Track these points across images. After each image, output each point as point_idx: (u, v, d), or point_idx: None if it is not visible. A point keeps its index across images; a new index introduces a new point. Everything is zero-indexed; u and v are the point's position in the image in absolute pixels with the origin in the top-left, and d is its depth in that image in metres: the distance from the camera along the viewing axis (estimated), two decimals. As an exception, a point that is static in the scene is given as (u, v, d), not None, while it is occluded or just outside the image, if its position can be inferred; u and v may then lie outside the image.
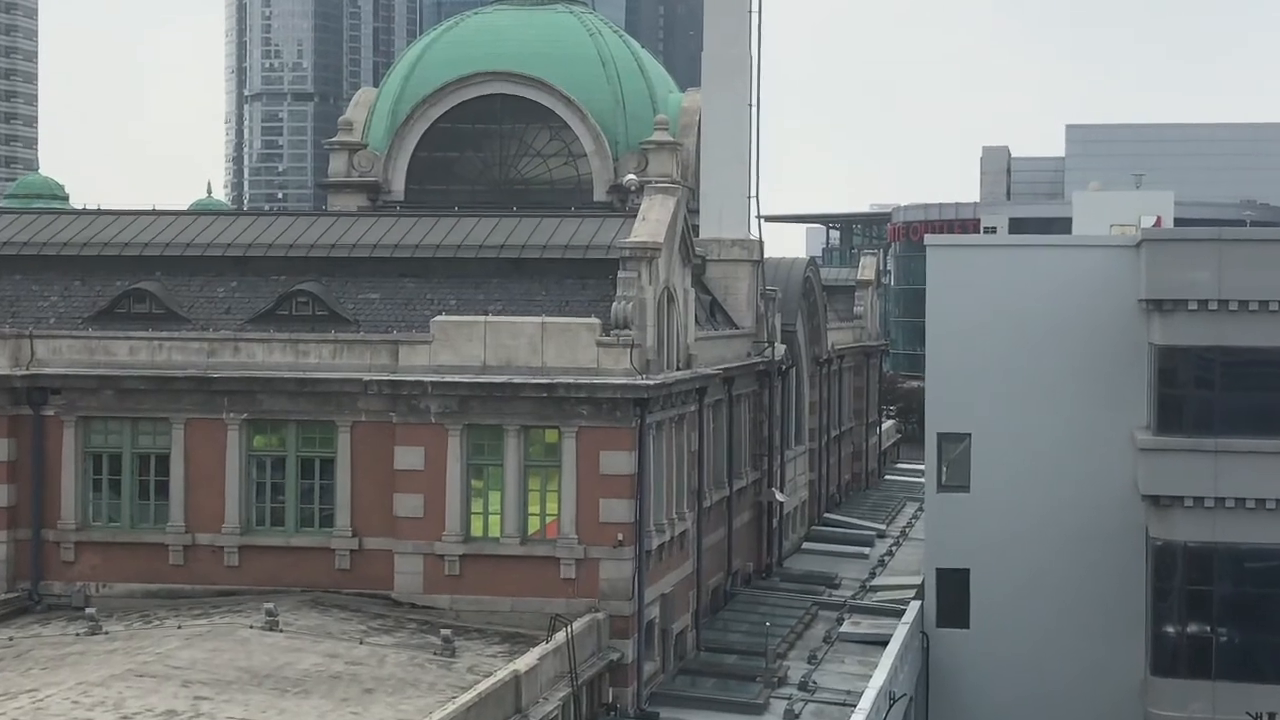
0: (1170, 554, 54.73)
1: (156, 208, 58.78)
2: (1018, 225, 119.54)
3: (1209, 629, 54.76)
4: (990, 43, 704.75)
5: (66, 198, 75.30)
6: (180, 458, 49.48)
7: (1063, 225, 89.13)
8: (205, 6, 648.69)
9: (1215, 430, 53.55)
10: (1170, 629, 55.16)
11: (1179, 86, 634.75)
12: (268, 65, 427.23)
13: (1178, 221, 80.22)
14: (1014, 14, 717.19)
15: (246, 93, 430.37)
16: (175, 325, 51.02)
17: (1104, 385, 57.61)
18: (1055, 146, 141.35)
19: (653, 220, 50.14)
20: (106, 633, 44.31)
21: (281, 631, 43.85)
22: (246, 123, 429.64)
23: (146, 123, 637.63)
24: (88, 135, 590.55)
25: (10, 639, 44.93)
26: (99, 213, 58.43)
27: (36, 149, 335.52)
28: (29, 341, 50.16)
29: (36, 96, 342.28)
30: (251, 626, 44.11)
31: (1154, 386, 54.94)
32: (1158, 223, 71.94)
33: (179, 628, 44.63)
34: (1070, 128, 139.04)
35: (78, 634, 44.39)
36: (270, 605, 45.48)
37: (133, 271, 53.15)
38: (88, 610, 46.21)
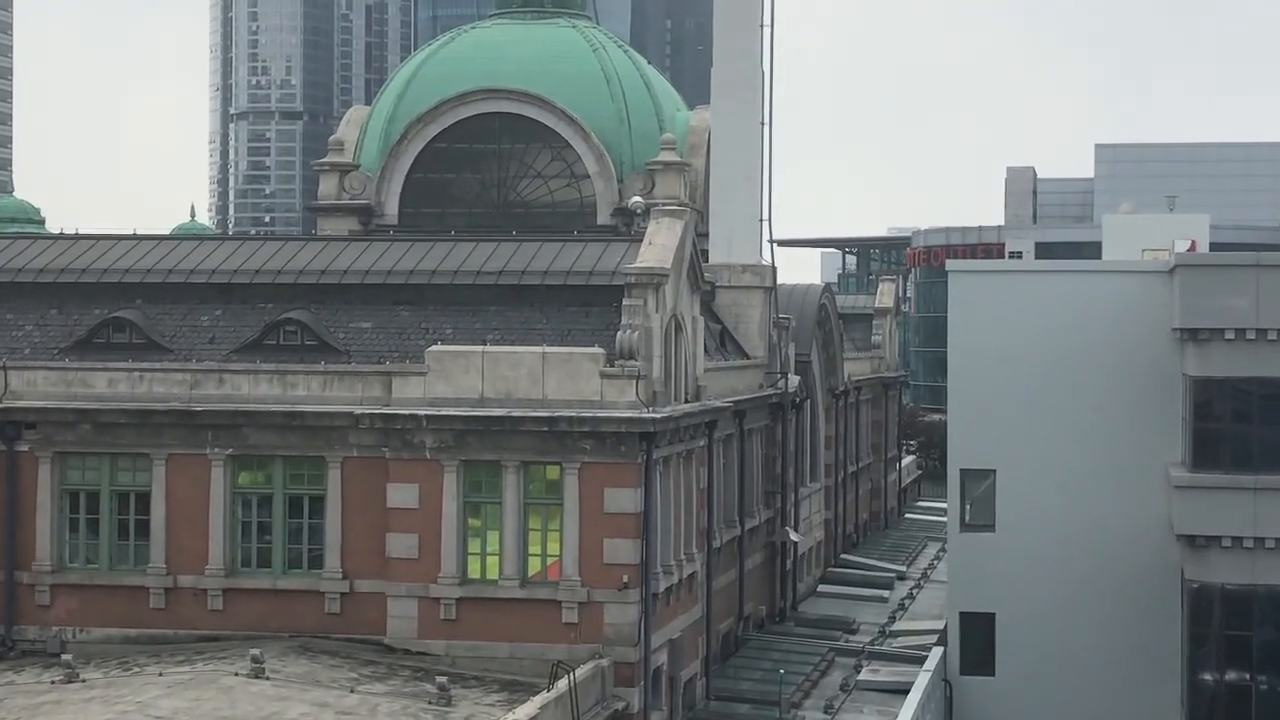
0: (1207, 597, 54.56)
1: (137, 232, 58.95)
2: (1044, 250, 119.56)
3: (1249, 677, 54.61)
4: (1015, 58, 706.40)
5: (42, 222, 75.39)
6: (162, 495, 49.43)
7: (1092, 250, 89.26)
8: (189, 21, 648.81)
9: (1255, 467, 53.48)
10: (1208, 677, 54.94)
11: (1214, 104, 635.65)
12: (255, 82, 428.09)
13: (1213, 246, 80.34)
14: (1040, 29, 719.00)
15: (232, 111, 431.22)
16: (157, 356, 51.00)
17: (1136, 419, 57.52)
18: (1084, 167, 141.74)
19: (659, 245, 50.10)
20: (84, 680, 44.17)
21: (268, 679, 43.74)
22: (232, 142, 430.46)
23: (127, 143, 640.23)
24: (65, 156, 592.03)
25: (-20, 690, 45.04)
26: (76, 237, 58.57)
27: (11, 171, 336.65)
28: (2, 373, 50.14)
29: (11, 116, 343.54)
30: (236, 674, 44.00)
31: (1189, 420, 54.84)
32: (1192, 247, 71.91)
33: (160, 675, 44.56)
34: (1099, 147, 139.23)
35: (53, 681, 44.30)
36: (256, 651, 45.39)
37: (112, 299, 53.16)
38: (64, 656, 46.09)
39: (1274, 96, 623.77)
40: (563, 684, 42.70)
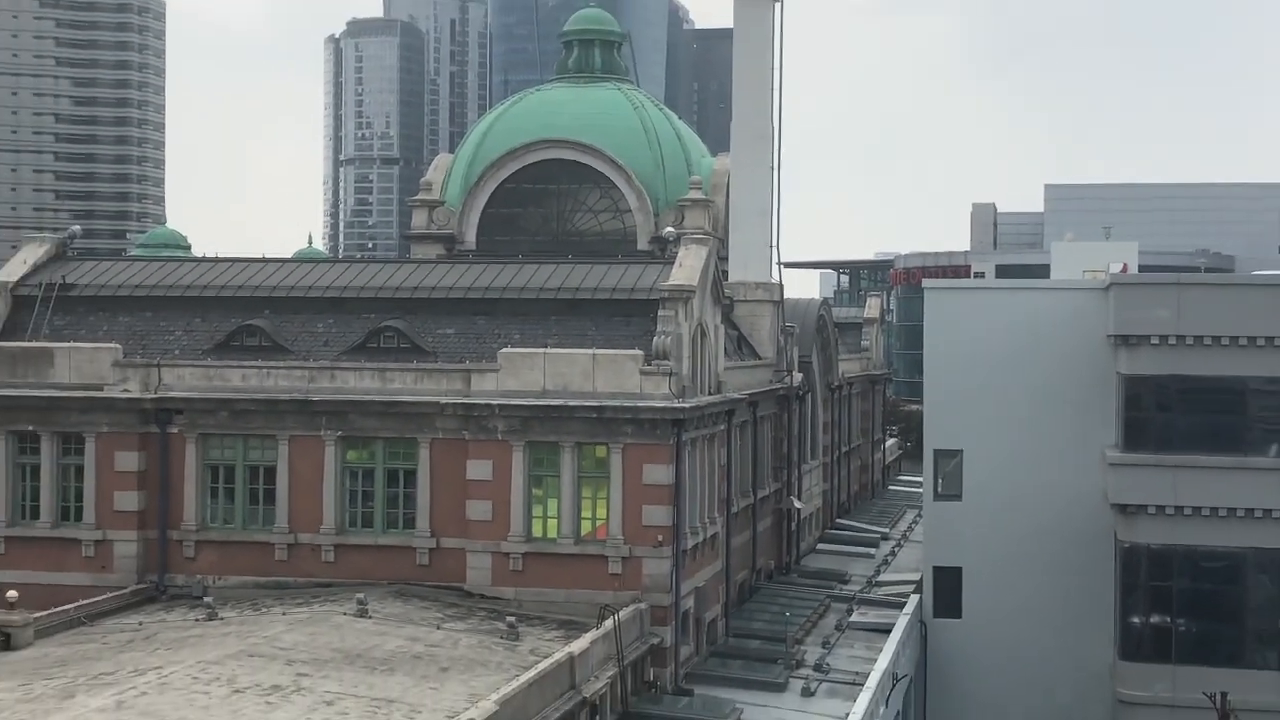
0: (1136, 555, 54.66)
1: (266, 256, 59.14)
2: (1003, 271, 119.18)
3: (1169, 620, 54.65)
4: (979, 114, 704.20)
5: (189, 247, 75.83)
6: (285, 469, 49.82)
7: (1042, 271, 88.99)
8: (307, 83, 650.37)
9: (1175, 448, 53.61)
10: (1136, 620, 55.02)
11: (1143, 152, 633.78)
12: (360, 134, 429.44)
13: (1141, 268, 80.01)
14: (1000, 90, 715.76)
15: (342, 157, 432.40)
16: (281, 356, 51.32)
17: (1078, 408, 57.45)
18: (1035, 203, 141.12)
19: (688, 267, 50.24)
20: (221, 618, 44.60)
21: (370, 618, 44.05)
22: (342, 183, 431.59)
23: (256, 181, 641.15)
24: (207, 192, 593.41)
25: (140, 624, 45.35)
26: (216, 260, 58.80)
27: (164, 204, 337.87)
28: (157, 370, 50.63)
29: (164, 160, 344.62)
30: (345, 614, 44.31)
31: (1121, 410, 54.93)
32: (1124, 269, 71.67)
33: (283, 614, 44.94)
34: (1048, 187, 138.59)
35: (197, 619, 44.71)
36: (361, 595, 45.72)
37: (245, 310, 53.48)
38: (205, 599, 46.46)
39: (1192, 145, 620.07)
40: (609, 623, 42.99)
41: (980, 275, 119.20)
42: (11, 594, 44.48)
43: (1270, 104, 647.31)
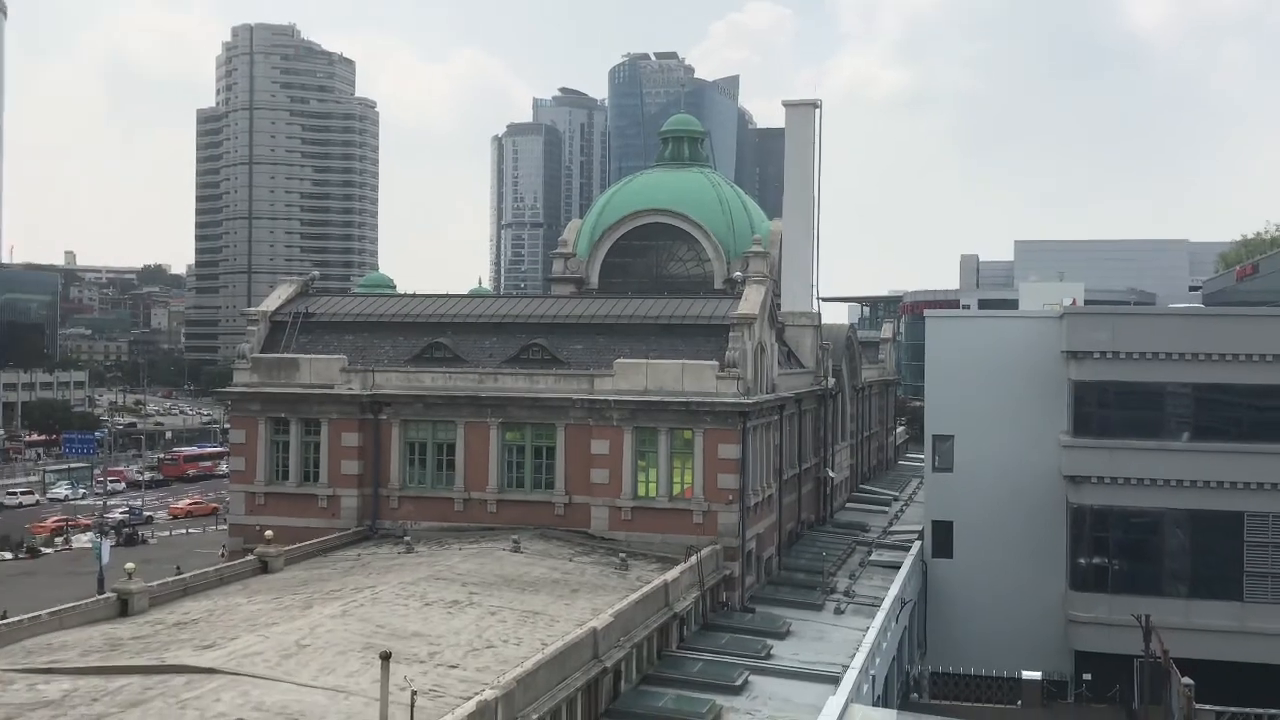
0: (1082, 513, 54.59)
1: (448, 292, 59.84)
2: (984, 304, 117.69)
3: (1106, 561, 54.55)
4: (967, 184, 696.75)
5: (394, 286, 76.64)
6: (461, 445, 50.18)
7: (1013, 304, 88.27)
8: (478, 168, 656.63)
9: (1111, 434, 53.92)
10: (1082, 560, 54.91)
11: (1089, 214, 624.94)
12: (515, 206, 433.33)
13: (1086, 303, 79.30)
14: (983, 165, 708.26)
15: (503, 223, 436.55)
16: (459, 365, 51.68)
17: (1039, 404, 57.11)
18: (1008, 254, 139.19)
19: (751, 301, 50.24)
20: (416, 552, 45.16)
21: (521, 553, 44.41)
22: (502, 241, 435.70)
23: (445, 240, 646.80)
24: (406, 246, 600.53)
25: (358, 555, 46.04)
26: (413, 296, 59.46)
27: (377, 256, 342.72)
28: (371, 374, 51.34)
29: (378, 225, 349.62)
30: (503, 550, 44.70)
31: (1071, 406, 54.85)
32: (1073, 303, 71.00)
33: (460, 550, 45.41)
34: (1018, 242, 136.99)
35: (399, 552, 45.25)
36: (515, 537, 46.17)
37: (433, 331, 53.86)
38: (405, 538, 47.04)
39: (1126, 210, 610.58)
40: (693, 559, 43.07)
41: (967, 307, 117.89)
42: (268, 533, 45.39)
43: (1179, 182, 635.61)
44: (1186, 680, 42.43)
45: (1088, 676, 53.97)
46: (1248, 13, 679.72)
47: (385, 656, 23.25)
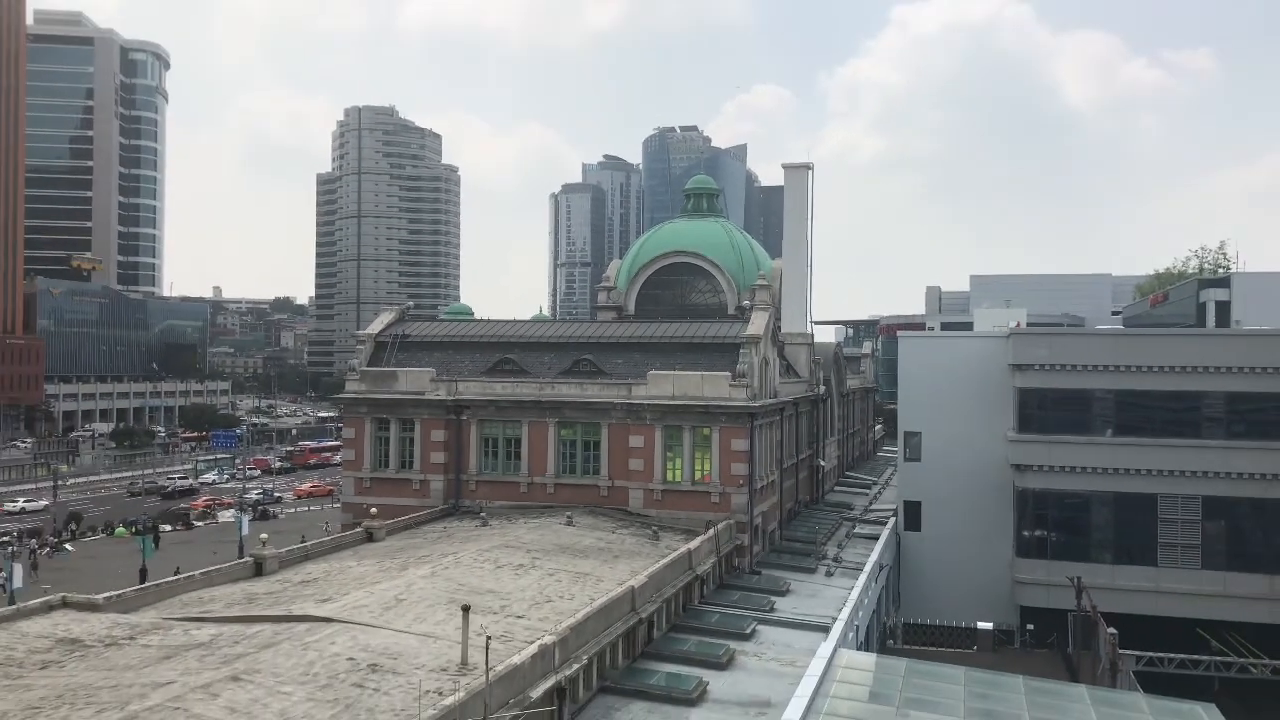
0: (1026, 495, 53.97)
1: (515, 318, 60.05)
2: (945, 326, 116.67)
3: (1046, 533, 53.76)
4: (933, 229, 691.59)
5: (473, 313, 76.89)
6: (525, 440, 50.16)
7: (968, 326, 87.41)
8: (538, 220, 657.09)
9: (1049, 430, 53.35)
10: (1025, 533, 54.17)
11: (1030, 252, 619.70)
12: (568, 249, 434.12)
13: (1029, 324, 78.50)
14: (945, 212, 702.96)
15: (558, 263, 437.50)
16: (524, 376, 51.85)
17: (991, 407, 56.67)
18: (964, 285, 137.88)
19: (757, 324, 50.11)
20: (490, 525, 45.20)
21: (574, 526, 44.48)
22: (558, 277, 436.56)
23: (513, 277, 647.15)
24: (482, 281, 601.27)
25: (444, 528, 46.11)
26: (488, 320, 59.71)
27: (459, 289, 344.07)
28: (454, 384, 51.53)
29: (459, 263, 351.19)
30: (559, 523, 44.79)
31: (1016, 409, 54.25)
32: (1018, 325, 70.14)
33: (525, 524, 45.43)
34: (973, 276, 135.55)
35: (476, 526, 45.35)
36: (569, 513, 46.21)
37: (504, 349, 54.03)
38: (481, 514, 47.13)
39: (1060, 249, 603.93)
40: (711, 532, 42.90)
41: (932, 329, 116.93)
42: (373, 510, 45.62)
43: (1104, 226, 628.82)
44: (1111, 630, 42.09)
45: (1030, 627, 53.43)
46: (1157, 89, 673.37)
47: (465, 609, 23.30)
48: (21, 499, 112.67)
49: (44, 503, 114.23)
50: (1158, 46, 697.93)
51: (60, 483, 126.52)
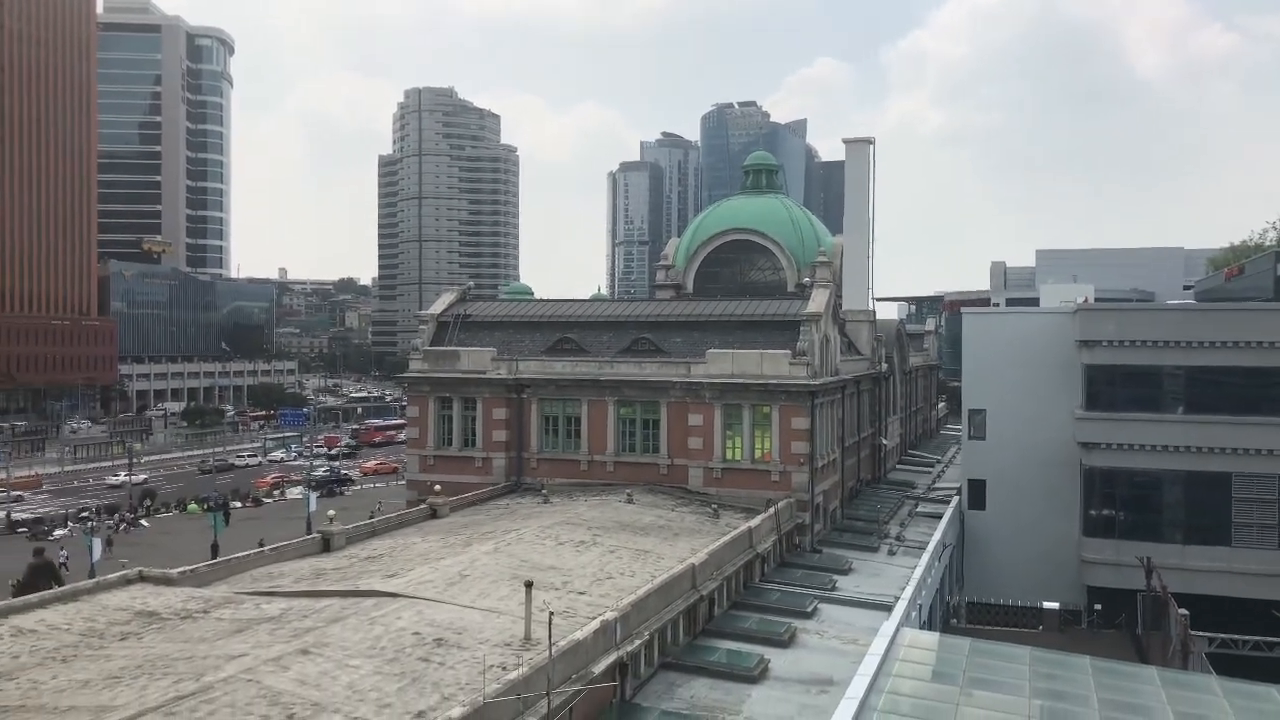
0: (1093, 473, 52.95)
1: (574, 297, 60.21)
2: (1011, 302, 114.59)
3: (1114, 512, 52.72)
4: (998, 203, 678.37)
5: (532, 293, 77.29)
6: (585, 418, 50.41)
7: (1034, 302, 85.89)
8: (597, 200, 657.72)
9: (1116, 408, 52.12)
10: (1093, 512, 53.17)
11: (1098, 226, 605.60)
12: (626, 228, 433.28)
13: (1096, 300, 76.93)
14: (1010, 187, 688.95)
15: (617, 241, 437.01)
16: (583, 355, 52.03)
17: (1058, 384, 55.69)
18: (1031, 260, 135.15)
19: (817, 301, 49.71)
20: (551, 503, 45.55)
21: (634, 504, 44.60)
22: (617, 256, 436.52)
23: (572, 256, 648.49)
24: (541, 260, 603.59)
25: (506, 504, 46.55)
26: (547, 300, 60.06)
27: (519, 269, 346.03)
28: (515, 363, 51.95)
29: (519, 243, 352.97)
30: (619, 501, 44.95)
31: (1084, 385, 53.22)
32: (1086, 301, 68.82)
33: (585, 501, 45.71)
34: (1039, 251, 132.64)
35: (538, 503, 45.75)
36: (629, 491, 46.38)
37: (563, 329, 54.29)
38: (542, 491, 47.58)
39: (1130, 223, 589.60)
40: (772, 510, 42.84)
41: (997, 305, 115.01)
42: (436, 487, 46.25)
43: (1176, 198, 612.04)
44: (1183, 611, 41.21)
45: (1098, 607, 52.57)
46: (1231, 55, 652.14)
47: (528, 584, 23.54)
48: (121, 473, 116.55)
49: (142, 477, 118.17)
50: (1232, 11, 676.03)
51: (135, 460, 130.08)
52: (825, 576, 40.18)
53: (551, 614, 22.51)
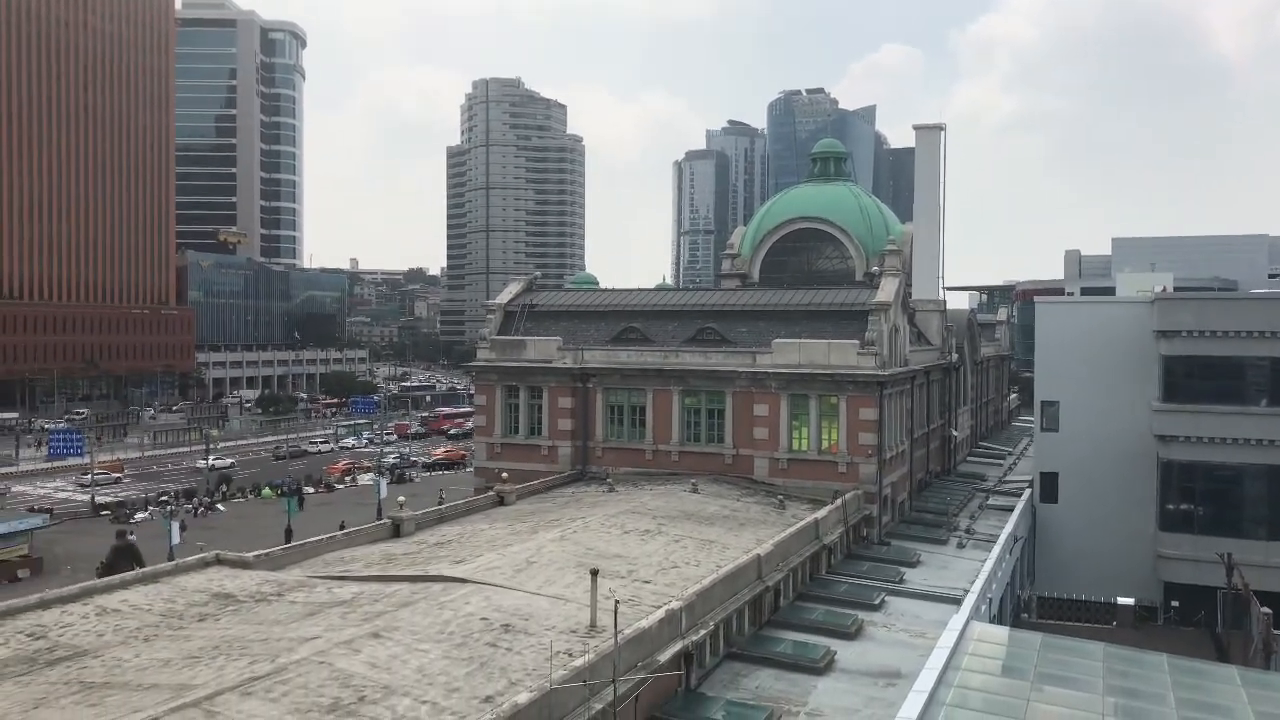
0: (1170, 466, 51.68)
1: (639, 286, 60.28)
2: (1085, 291, 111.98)
3: (1192, 506, 51.41)
4: (1072, 192, 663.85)
5: (598, 282, 77.59)
6: (650, 408, 50.46)
7: (1110, 292, 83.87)
8: (662, 188, 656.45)
9: (1195, 400, 50.86)
10: (1170, 506, 51.94)
11: (1175, 214, 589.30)
12: (692, 217, 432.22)
13: (1175, 290, 74.96)
14: (1086, 175, 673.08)
15: (682, 231, 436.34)
16: (648, 344, 52.08)
17: (1134, 375, 54.33)
18: (1106, 249, 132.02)
19: (886, 290, 49.12)
20: (616, 491, 45.72)
21: (698, 493, 44.62)
22: (682, 245, 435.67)
23: (637, 246, 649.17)
24: (607, 250, 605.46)
25: (572, 493, 46.89)
26: (613, 290, 60.11)
27: (585, 259, 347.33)
28: (580, 352, 52.16)
29: (584, 233, 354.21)
30: (684, 490, 44.99)
31: (1161, 377, 51.86)
32: (1163, 290, 66.95)
33: (650, 490, 45.81)
34: (1115, 239, 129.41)
35: (603, 492, 45.95)
36: (694, 481, 46.38)
37: (628, 318, 54.42)
38: (607, 480, 47.68)
39: (1209, 209, 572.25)
40: (839, 501, 42.51)
41: (1071, 294, 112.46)
42: (504, 475, 46.71)
43: (1259, 183, 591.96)
44: (1265, 610, 40.00)
45: (1175, 604, 51.33)
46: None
47: (594, 572, 23.68)
48: (212, 456, 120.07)
49: (230, 460, 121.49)
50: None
51: (211, 446, 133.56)
52: (893, 569, 39.76)
53: (617, 602, 22.62)
